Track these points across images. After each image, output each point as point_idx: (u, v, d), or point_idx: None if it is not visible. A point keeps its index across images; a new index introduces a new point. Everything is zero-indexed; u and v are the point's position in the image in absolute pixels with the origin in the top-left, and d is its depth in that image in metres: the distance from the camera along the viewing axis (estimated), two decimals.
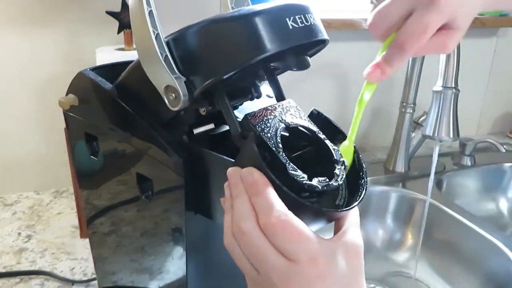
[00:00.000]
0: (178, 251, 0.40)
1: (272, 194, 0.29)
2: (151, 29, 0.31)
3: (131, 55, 0.75)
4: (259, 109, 0.34)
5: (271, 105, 0.35)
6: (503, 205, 1.08)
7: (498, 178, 1.08)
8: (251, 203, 0.30)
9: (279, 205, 0.29)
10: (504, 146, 1.01)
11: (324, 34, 0.33)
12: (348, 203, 0.33)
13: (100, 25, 0.84)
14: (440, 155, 1.12)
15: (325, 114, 0.38)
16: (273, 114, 0.34)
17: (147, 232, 0.44)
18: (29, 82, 0.85)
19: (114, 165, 0.44)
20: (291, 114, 0.35)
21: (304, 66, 0.34)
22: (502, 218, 1.06)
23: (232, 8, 0.41)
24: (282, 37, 0.30)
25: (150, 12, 0.31)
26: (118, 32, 0.77)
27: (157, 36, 0.31)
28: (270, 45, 0.29)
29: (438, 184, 0.99)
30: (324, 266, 0.29)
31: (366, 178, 0.34)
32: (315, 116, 0.37)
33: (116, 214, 0.48)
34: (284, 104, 0.36)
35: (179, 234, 0.39)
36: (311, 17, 0.32)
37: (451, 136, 0.81)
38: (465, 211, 0.83)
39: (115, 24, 0.76)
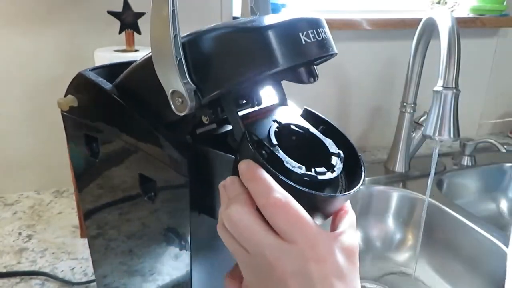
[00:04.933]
0: (182, 252, 0.40)
1: (269, 178, 0.29)
2: (171, 29, 0.31)
3: (130, 56, 0.75)
4: (252, 111, 0.34)
5: (263, 107, 0.35)
6: (503, 205, 1.08)
7: (498, 178, 1.08)
8: (244, 189, 0.30)
9: (278, 188, 0.29)
10: (505, 146, 1.01)
11: (334, 49, 0.34)
12: (347, 190, 0.34)
13: (101, 25, 0.84)
14: (440, 155, 1.13)
15: (316, 112, 0.38)
16: (265, 115, 0.34)
17: (149, 234, 0.44)
18: (29, 82, 0.85)
19: (115, 166, 0.44)
20: (283, 114, 0.35)
21: (312, 78, 0.34)
22: (502, 218, 1.06)
23: (252, 8, 0.41)
24: (295, 52, 0.30)
25: (173, 12, 0.31)
26: (120, 32, 0.77)
27: (175, 38, 0.31)
28: (282, 60, 0.29)
29: (439, 184, 0.99)
30: (323, 252, 0.29)
31: (364, 167, 0.35)
32: (307, 115, 0.38)
33: (116, 216, 0.48)
34: (276, 105, 0.36)
35: (183, 235, 0.39)
36: (323, 32, 0.32)
37: (452, 136, 0.81)
38: (465, 211, 0.83)
39: (116, 24, 0.76)
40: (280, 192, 0.29)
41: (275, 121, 0.34)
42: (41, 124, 0.88)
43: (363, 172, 0.34)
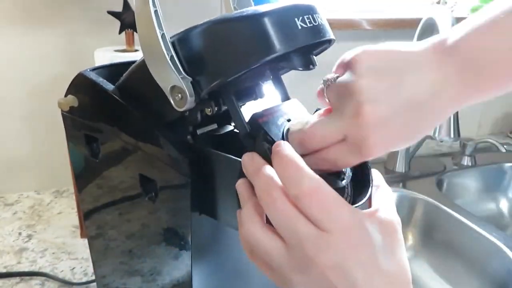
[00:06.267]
0: (182, 252, 0.40)
1: (301, 164, 0.28)
2: (157, 29, 0.31)
3: (130, 56, 0.75)
4: (266, 109, 0.34)
5: (276, 105, 0.35)
6: (503, 205, 1.08)
7: (498, 178, 1.08)
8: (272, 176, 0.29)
9: (311, 173, 0.28)
10: (505, 146, 1.01)
11: (331, 34, 0.33)
12: (353, 201, 0.34)
13: (101, 25, 0.84)
14: (440, 155, 1.13)
15: None
16: (279, 113, 0.34)
17: (149, 234, 0.44)
18: (29, 82, 0.85)
19: (115, 166, 0.44)
20: (296, 113, 0.35)
21: (311, 65, 0.34)
22: (502, 218, 1.06)
23: (235, 8, 0.41)
24: (292, 37, 0.30)
25: (156, 12, 0.31)
26: (120, 32, 0.77)
27: (163, 36, 0.31)
28: (280, 45, 0.29)
29: (439, 184, 0.99)
30: (358, 236, 0.28)
31: (371, 176, 0.34)
32: None
33: (116, 216, 0.48)
34: (289, 104, 0.36)
35: (183, 235, 0.39)
36: (318, 17, 0.32)
37: (452, 136, 0.81)
38: (465, 211, 0.83)
39: (117, 24, 0.76)
40: (313, 179, 0.28)
41: (289, 120, 0.34)
42: (41, 124, 0.88)
43: (371, 183, 0.34)
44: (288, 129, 0.33)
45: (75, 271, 0.68)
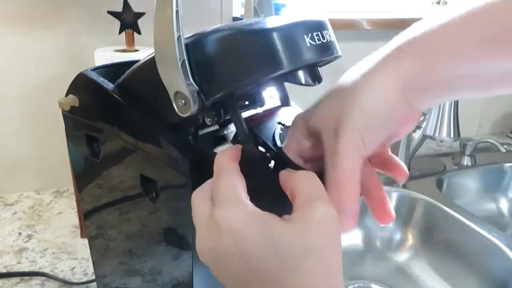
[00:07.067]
0: (183, 252, 0.40)
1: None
2: (175, 30, 0.31)
3: (130, 56, 0.75)
4: (257, 113, 0.34)
5: (268, 109, 0.35)
6: (504, 205, 1.08)
7: (498, 178, 1.08)
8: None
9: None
10: (505, 146, 1.01)
11: (338, 51, 0.34)
12: None
13: (101, 25, 0.84)
14: (440, 155, 1.13)
15: None
16: (270, 116, 0.34)
17: (149, 234, 0.44)
18: (29, 82, 0.85)
19: (116, 166, 0.44)
20: (287, 115, 0.35)
21: (317, 81, 0.35)
22: (502, 218, 1.06)
23: (255, 8, 0.41)
24: (300, 55, 0.30)
25: (177, 13, 0.31)
26: (120, 32, 0.77)
27: (179, 39, 0.31)
28: (287, 63, 0.30)
29: (438, 184, 0.99)
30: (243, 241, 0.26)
31: None
32: None
33: (117, 216, 0.48)
34: (282, 107, 0.36)
35: (184, 235, 0.39)
36: (327, 34, 0.32)
37: (452, 136, 0.81)
38: (465, 211, 0.83)
39: (117, 24, 0.76)
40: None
41: (279, 123, 0.34)
42: (41, 124, 0.88)
43: None
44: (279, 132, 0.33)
45: (75, 271, 0.68)
